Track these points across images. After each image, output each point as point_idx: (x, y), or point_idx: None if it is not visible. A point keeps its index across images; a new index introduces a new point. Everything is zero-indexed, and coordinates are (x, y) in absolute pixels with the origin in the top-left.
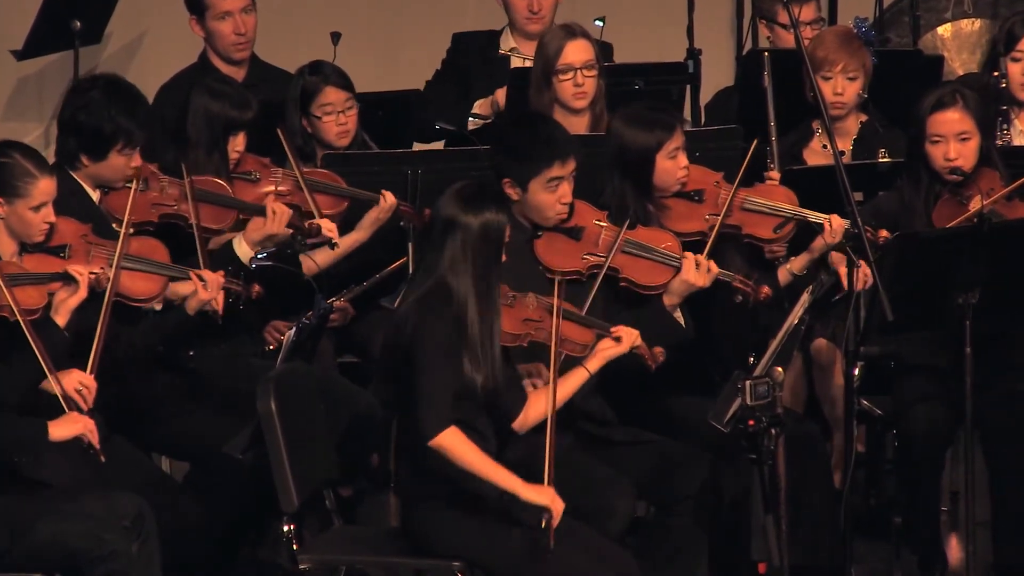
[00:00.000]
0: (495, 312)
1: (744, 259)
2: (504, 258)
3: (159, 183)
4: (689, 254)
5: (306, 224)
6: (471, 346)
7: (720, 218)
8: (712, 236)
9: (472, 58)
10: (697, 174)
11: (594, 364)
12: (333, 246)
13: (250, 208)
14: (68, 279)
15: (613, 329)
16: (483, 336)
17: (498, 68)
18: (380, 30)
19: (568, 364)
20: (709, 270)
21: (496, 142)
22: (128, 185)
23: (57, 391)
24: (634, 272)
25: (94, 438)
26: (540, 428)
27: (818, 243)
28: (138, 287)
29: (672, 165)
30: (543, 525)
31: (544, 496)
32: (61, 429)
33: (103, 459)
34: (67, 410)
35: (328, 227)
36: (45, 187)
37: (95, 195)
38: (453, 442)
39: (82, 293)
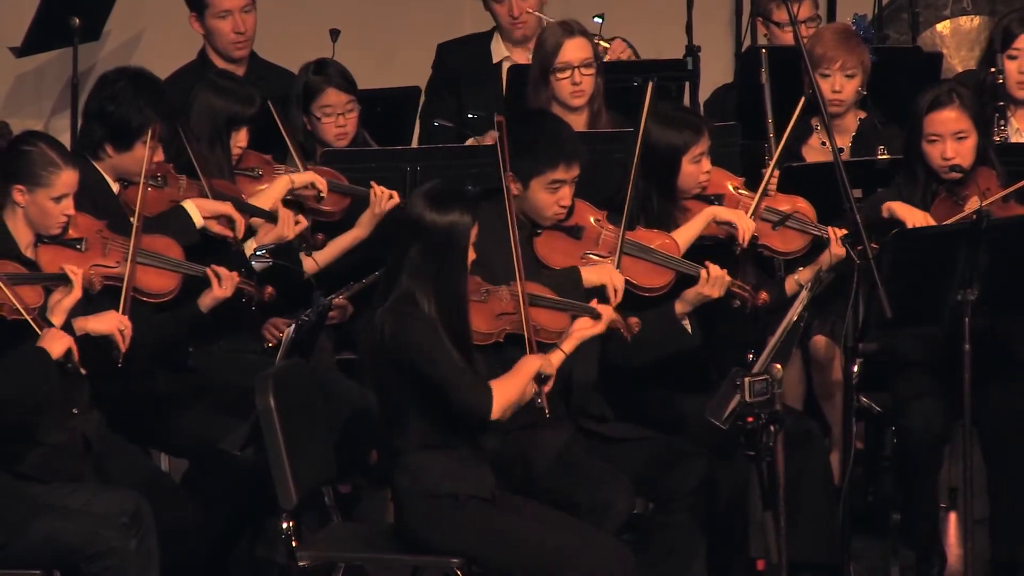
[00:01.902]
0: (464, 309)
1: (755, 268)
2: (473, 255)
3: (177, 182)
4: (712, 267)
5: (311, 236)
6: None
7: (743, 243)
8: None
9: (461, 66)
10: (718, 177)
11: (569, 345)
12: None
13: (265, 215)
14: (63, 279)
15: (593, 304)
16: (455, 334)
17: (491, 76)
18: (379, 27)
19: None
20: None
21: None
22: (149, 183)
23: (100, 329)
24: (633, 274)
25: (124, 337)
26: (535, 424)
27: (825, 256)
28: (153, 283)
29: (695, 169)
30: (539, 398)
31: (538, 359)
32: (55, 346)
33: (84, 372)
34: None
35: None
36: (68, 178)
37: (115, 187)
38: (502, 399)
39: (76, 293)
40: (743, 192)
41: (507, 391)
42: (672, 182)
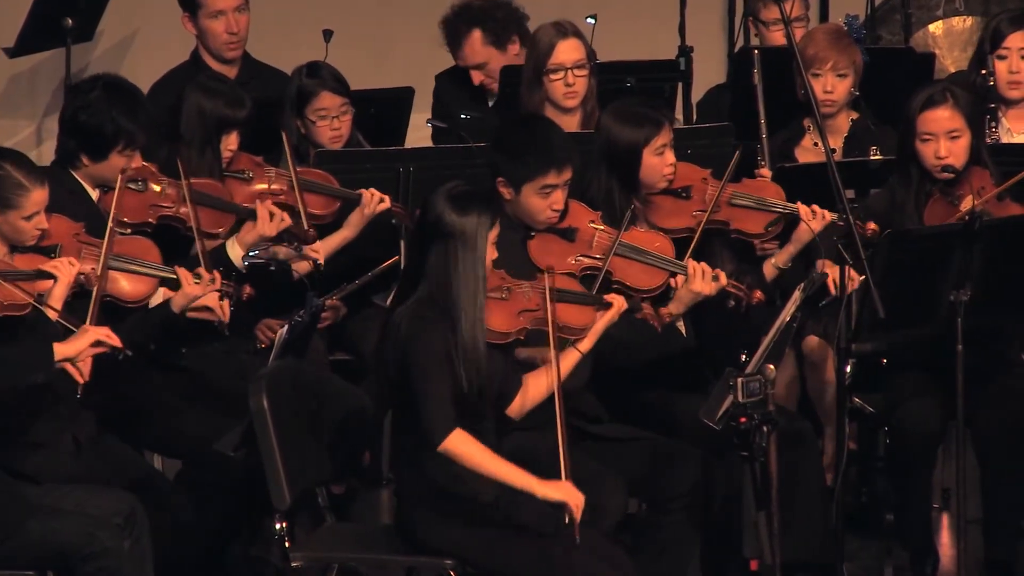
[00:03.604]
0: (480, 315)
1: (732, 255)
2: (495, 255)
3: (159, 183)
4: (693, 263)
5: (302, 231)
6: (463, 349)
7: (706, 215)
8: (697, 234)
9: (455, 101)
10: (685, 171)
11: (586, 344)
12: (319, 266)
13: (248, 213)
14: (48, 276)
15: (606, 296)
16: (472, 338)
17: (485, 114)
18: (372, 27)
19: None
20: (716, 278)
21: (495, 140)
22: (128, 186)
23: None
24: (627, 275)
25: (113, 340)
26: (537, 425)
27: (801, 233)
28: (127, 288)
29: (658, 162)
30: (567, 521)
31: (561, 491)
32: (67, 347)
33: (129, 353)
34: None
35: (315, 249)
36: (37, 198)
37: (95, 194)
38: (460, 445)
39: (64, 280)
40: (710, 181)
41: (469, 452)
42: (634, 177)
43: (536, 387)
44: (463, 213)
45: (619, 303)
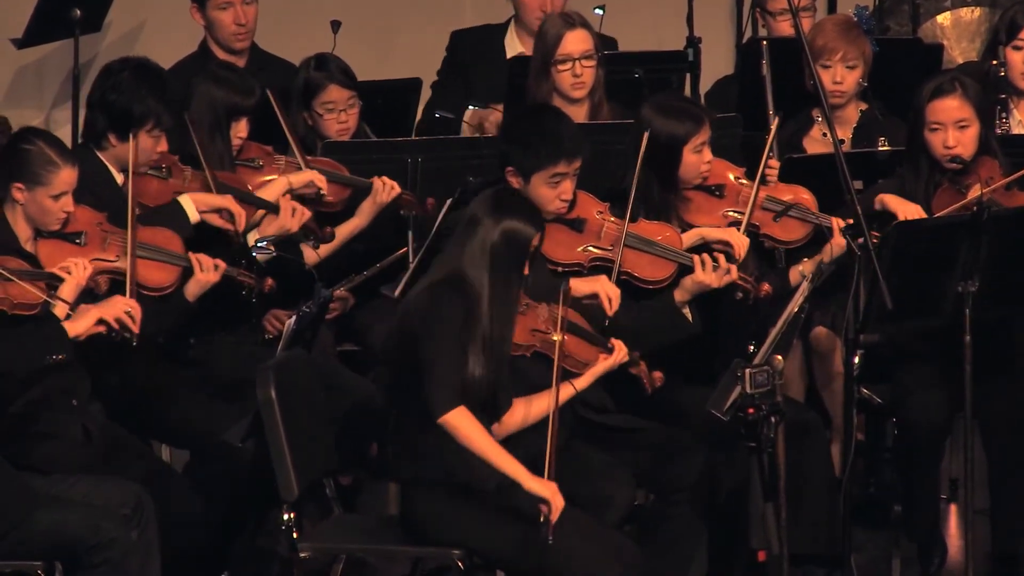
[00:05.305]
0: (510, 315)
1: (756, 257)
2: (527, 271)
3: (182, 173)
4: (704, 255)
5: (319, 229)
6: (478, 341)
7: (746, 218)
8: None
9: (472, 56)
10: (719, 168)
11: (582, 383)
12: (330, 238)
13: (268, 206)
14: (59, 280)
15: (611, 341)
16: (494, 335)
17: (500, 72)
18: (379, 18)
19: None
20: (728, 272)
21: (505, 130)
22: (151, 172)
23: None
24: (635, 267)
25: (134, 318)
26: (540, 429)
27: (828, 247)
28: (152, 276)
29: (696, 159)
30: (541, 519)
31: (546, 489)
32: (76, 325)
33: (138, 331)
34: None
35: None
36: (67, 176)
37: (120, 178)
38: (461, 421)
39: (75, 280)
40: (744, 182)
41: (468, 431)
42: (674, 172)
43: (527, 412)
44: (502, 217)
45: (621, 352)
